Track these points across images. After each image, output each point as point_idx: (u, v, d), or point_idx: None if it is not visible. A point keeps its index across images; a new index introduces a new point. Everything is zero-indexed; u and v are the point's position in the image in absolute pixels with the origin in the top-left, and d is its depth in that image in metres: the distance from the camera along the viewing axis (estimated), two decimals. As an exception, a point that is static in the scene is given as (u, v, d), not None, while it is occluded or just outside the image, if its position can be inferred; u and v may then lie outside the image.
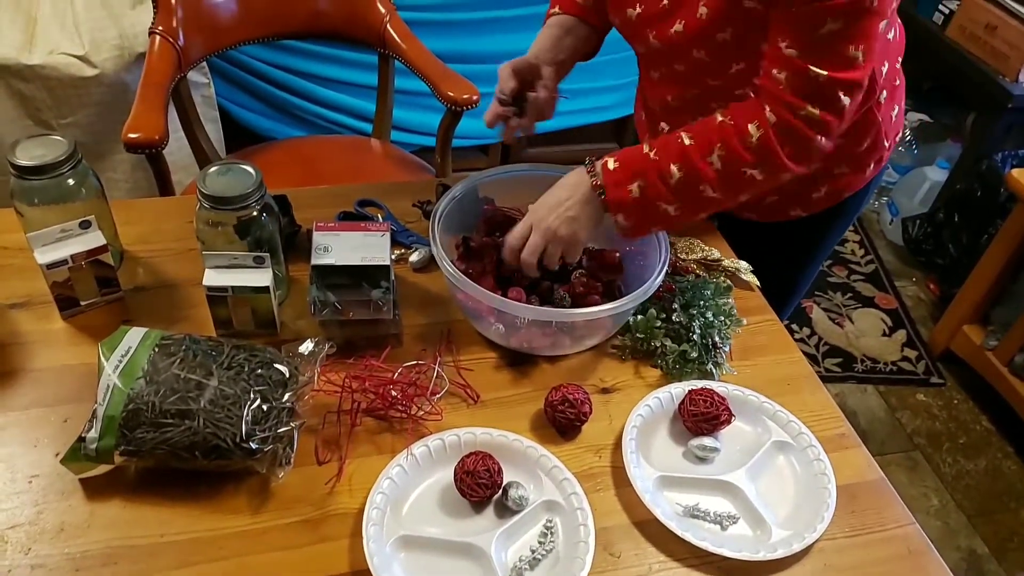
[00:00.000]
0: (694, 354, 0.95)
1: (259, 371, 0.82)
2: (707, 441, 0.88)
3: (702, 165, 0.89)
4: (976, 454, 2.02)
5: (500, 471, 0.80)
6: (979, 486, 1.93)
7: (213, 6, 1.65)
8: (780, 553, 0.78)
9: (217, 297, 0.91)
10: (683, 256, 1.09)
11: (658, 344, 0.96)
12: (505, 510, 0.80)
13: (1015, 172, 1.88)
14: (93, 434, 0.76)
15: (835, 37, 0.82)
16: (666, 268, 0.93)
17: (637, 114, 1.32)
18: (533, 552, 0.77)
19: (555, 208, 0.93)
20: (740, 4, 0.88)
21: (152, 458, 0.78)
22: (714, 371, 0.96)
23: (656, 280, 0.91)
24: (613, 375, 0.97)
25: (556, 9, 1.11)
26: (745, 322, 1.00)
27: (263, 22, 1.70)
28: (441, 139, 1.72)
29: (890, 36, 0.98)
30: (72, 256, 0.91)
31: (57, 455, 0.80)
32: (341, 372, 0.90)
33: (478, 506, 0.81)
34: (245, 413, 0.78)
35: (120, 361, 0.81)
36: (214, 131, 1.92)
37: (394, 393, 0.87)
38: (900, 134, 1.13)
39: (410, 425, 0.87)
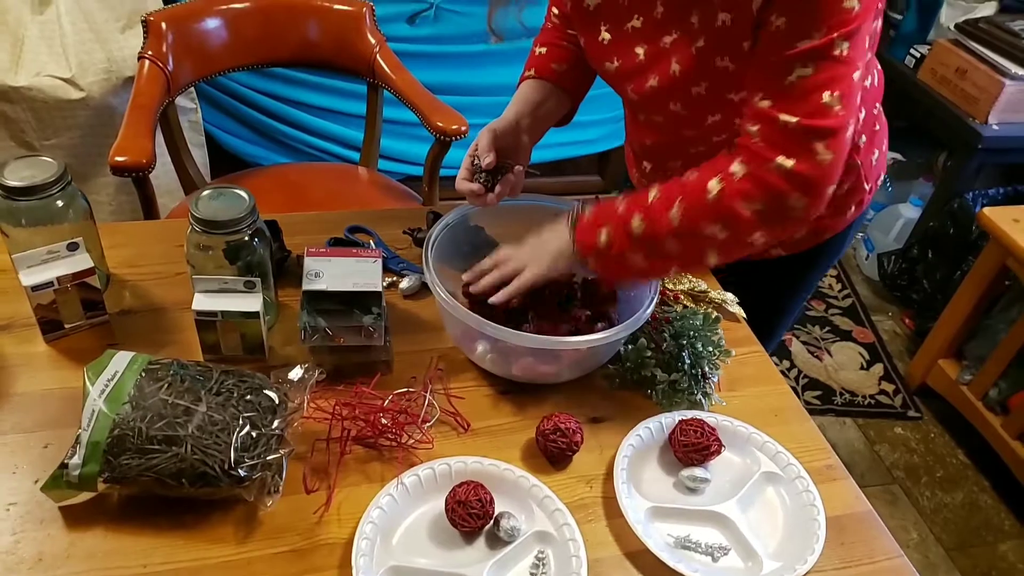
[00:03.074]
0: (684, 384, 0.95)
1: (248, 397, 0.81)
2: (697, 472, 0.88)
3: (662, 219, 0.87)
4: (953, 487, 2.03)
5: (492, 501, 0.80)
6: (957, 520, 1.95)
7: (203, 32, 1.65)
8: (775, 585, 0.78)
9: (206, 322, 0.90)
10: (671, 286, 1.10)
11: (648, 373, 0.96)
12: (496, 541, 0.80)
13: (987, 211, 1.93)
14: (76, 460, 0.75)
15: (804, 83, 0.80)
16: (657, 298, 0.94)
17: (627, 149, 1.34)
18: (526, 584, 0.77)
19: (531, 238, 0.96)
20: (712, 62, 0.89)
21: (137, 485, 0.76)
22: (703, 401, 0.96)
23: (647, 310, 0.92)
24: (603, 404, 0.97)
25: (531, 72, 1.11)
26: (734, 353, 1.00)
27: (253, 50, 1.71)
28: (429, 168, 1.73)
29: (867, 83, 1.01)
30: (58, 278, 0.90)
31: (36, 482, 0.78)
32: (331, 399, 0.89)
33: (469, 536, 0.80)
34: (234, 440, 0.77)
35: (106, 385, 0.79)
36: (200, 156, 1.91)
37: (384, 421, 0.86)
38: (881, 177, 1.15)
39: (400, 453, 0.86)
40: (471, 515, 0.78)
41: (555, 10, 1.14)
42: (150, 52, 1.58)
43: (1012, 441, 1.95)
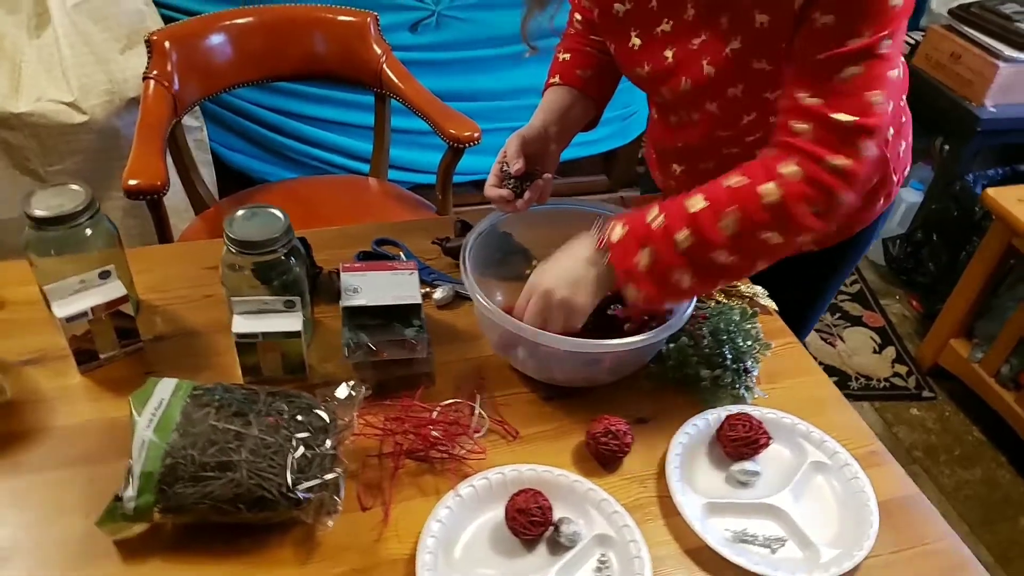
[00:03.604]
0: (727, 379, 0.95)
1: (299, 417, 0.80)
2: (748, 465, 0.89)
3: (712, 231, 0.83)
4: (971, 465, 2.05)
5: (551, 507, 0.79)
6: (978, 496, 1.96)
7: (208, 50, 1.64)
8: (833, 573, 0.78)
9: (246, 344, 0.90)
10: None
11: (691, 371, 0.96)
12: (557, 547, 0.79)
13: (990, 191, 1.95)
14: (130, 492, 0.74)
15: (856, 82, 0.80)
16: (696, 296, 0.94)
17: (648, 152, 1.34)
18: (592, 588, 0.76)
19: (556, 271, 0.88)
20: (749, 64, 0.88)
21: (193, 514, 0.75)
22: (746, 395, 0.96)
23: (688, 309, 0.92)
24: (647, 405, 0.97)
25: (556, 79, 1.10)
26: (773, 345, 1.01)
27: (258, 65, 1.70)
28: (442, 176, 1.72)
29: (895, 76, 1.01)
30: (92, 308, 0.89)
31: (88, 517, 0.77)
32: (378, 414, 0.88)
33: (530, 544, 0.80)
34: (289, 461, 0.76)
35: (153, 415, 0.78)
36: (208, 175, 1.90)
37: (435, 433, 0.86)
38: (907, 168, 1.16)
39: (452, 465, 0.86)
40: (532, 523, 0.78)
41: (578, 16, 1.14)
42: (155, 72, 1.57)
43: (1027, 415, 1.97)
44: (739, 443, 0.88)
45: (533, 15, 1.00)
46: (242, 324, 0.89)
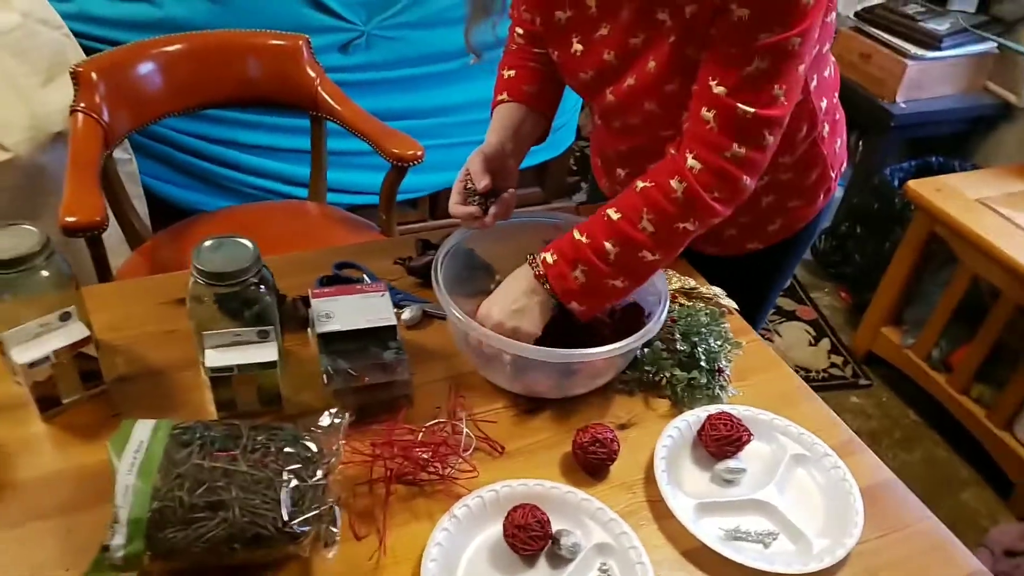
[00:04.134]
0: (703, 380, 0.98)
1: (287, 449, 0.78)
2: (732, 463, 0.91)
3: (635, 234, 0.91)
4: (912, 446, 2.16)
5: (548, 521, 0.79)
6: (921, 476, 2.06)
7: (137, 79, 1.59)
8: (827, 563, 0.81)
9: (221, 378, 0.87)
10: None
11: (667, 374, 0.98)
12: (558, 559, 0.80)
13: (911, 184, 2.07)
14: (119, 540, 0.70)
15: (762, 76, 0.85)
16: (668, 301, 0.96)
17: (593, 160, 1.36)
18: (597, 597, 0.77)
19: (501, 303, 0.94)
20: (684, 54, 0.92)
21: (186, 558, 0.72)
22: (721, 395, 0.99)
23: (663, 314, 0.94)
24: (626, 410, 0.98)
25: (504, 96, 1.12)
26: (744, 344, 1.04)
27: (190, 92, 1.66)
28: (386, 196, 1.71)
29: (826, 74, 1.06)
30: (55, 352, 0.84)
31: (70, 571, 0.73)
32: (363, 440, 0.87)
33: (530, 559, 0.80)
34: (283, 496, 0.74)
35: (134, 458, 0.75)
36: (140, 208, 1.83)
37: (425, 456, 0.85)
38: (843, 165, 1.22)
39: (443, 486, 0.85)
40: (532, 538, 0.78)
41: (519, 30, 1.15)
42: (83, 104, 1.51)
43: (958, 396, 2.08)
44: (722, 442, 0.91)
45: (477, 22, 1.02)
46: (215, 358, 0.86)
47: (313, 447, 0.80)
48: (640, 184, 0.93)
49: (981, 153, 2.56)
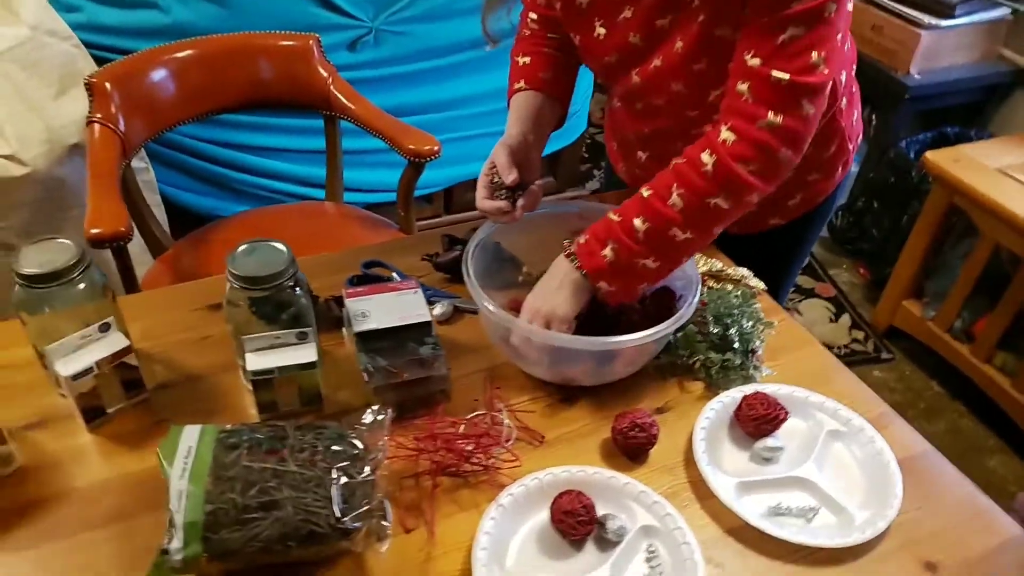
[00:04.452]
0: (736, 361, 0.98)
1: (334, 448, 0.79)
2: (770, 442, 0.91)
3: (664, 210, 0.89)
4: (936, 418, 2.15)
5: (594, 506, 0.80)
6: (945, 447, 2.03)
7: (151, 87, 1.60)
8: (869, 534, 0.81)
9: (263, 381, 0.88)
10: (692, 271, 1.13)
11: (701, 357, 0.99)
12: (605, 543, 0.80)
13: (929, 155, 2.06)
14: (176, 544, 0.71)
15: (796, 43, 0.84)
16: (700, 284, 0.97)
17: (609, 144, 1.37)
18: (647, 579, 0.78)
19: (539, 289, 0.94)
20: (712, 34, 0.92)
21: (242, 558, 0.73)
22: (755, 375, 1.00)
23: (695, 298, 0.94)
24: (661, 395, 0.99)
25: (522, 84, 1.11)
26: (776, 323, 1.04)
27: (204, 97, 1.66)
28: (403, 193, 1.71)
29: (845, 47, 1.07)
30: (97, 363, 0.86)
31: (128, 575, 0.75)
32: (406, 435, 0.88)
33: (577, 544, 0.81)
34: (333, 493, 0.75)
35: (185, 463, 0.76)
36: (160, 216, 1.84)
37: (468, 448, 0.86)
38: (859, 137, 1.22)
39: (487, 477, 0.86)
40: (579, 523, 0.79)
41: (532, 15, 1.15)
42: (99, 115, 1.52)
43: (982, 365, 2.08)
44: (759, 421, 0.91)
45: (493, 9, 1.02)
46: (257, 361, 0.87)
47: (359, 444, 0.81)
48: (675, 161, 0.92)
49: (997, 122, 2.54)
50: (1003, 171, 2.01)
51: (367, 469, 0.79)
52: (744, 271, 1.17)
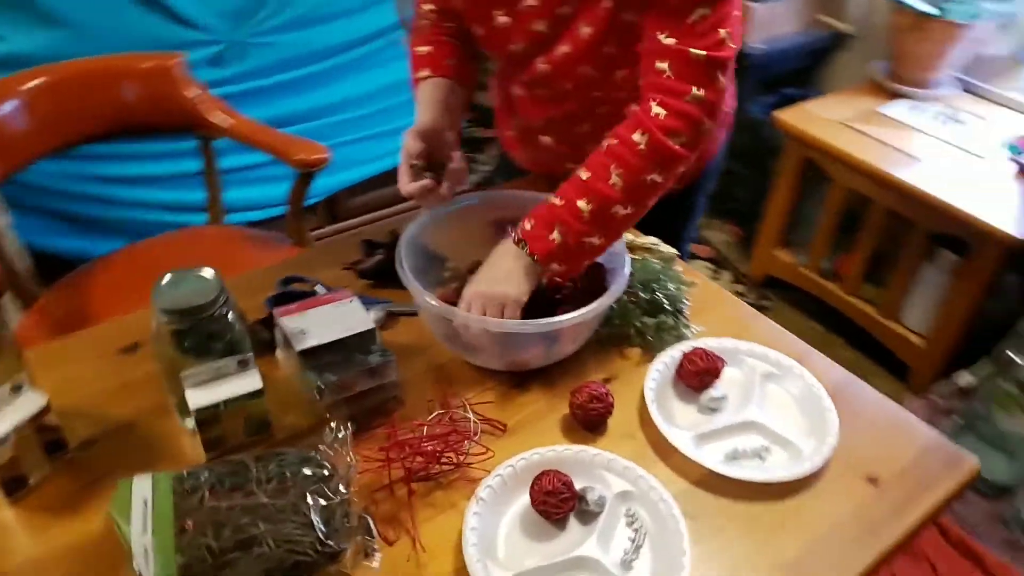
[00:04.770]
0: (668, 323, 1.03)
1: (304, 472, 0.76)
2: (714, 392, 0.97)
3: (606, 190, 0.94)
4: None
5: (572, 482, 0.82)
6: (832, 379, 2.24)
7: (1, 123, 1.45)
8: (818, 462, 0.88)
9: (208, 417, 0.83)
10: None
11: (637, 323, 1.02)
12: (586, 516, 0.82)
13: (780, 114, 2.23)
14: (153, 604, 0.66)
15: (705, 21, 0.91)
16: (628, 255, 1.00)
17: (503, 132, 1.38)
18: (632, 541, 0.80)
19: (484, 276, 0.95)
20: (619, 18, 0.96)
21: (227, 603, 0.69)
22: (686, 333, 1.05)
23: (626, 268, 0.98)
24: (606, 365, 1.02)
25: (427, 72, 1.11)
26: (696, 283, 1.10)
27: (60, 129, 1.53)
28: (294, 205, 1.65)
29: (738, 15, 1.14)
30: (16, 427, 0.78)
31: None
32: (369, 448, 0.86)
33: (560, 523, 0.82)
34: (314, 517, 0.72)
35: (144, 518, 0.71)
36: (23, 265, 1.67)
37: (437, 449, 0.85)
38: (734, 104, 1.30)
39: (458, 474, 0.86)
40: (562, 500, 0.80)
41: (430, 6, 1.14)
42: (-60, 163, 1.36)
43: (850, 298, 2.28)
44: (702, 374, 0.96)
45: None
46: (199, 397, 0.82)
47: (327, 464, 0.78)
48: (606, 143, 0.95)
49: (824, 82, 2.77)
50: (843, 123, 2.20)
51: (341, 487, 0.76)
52: (652, 239, 1.22)
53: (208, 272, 0.84)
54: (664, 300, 1.03)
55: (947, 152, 2.07)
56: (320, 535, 0.71)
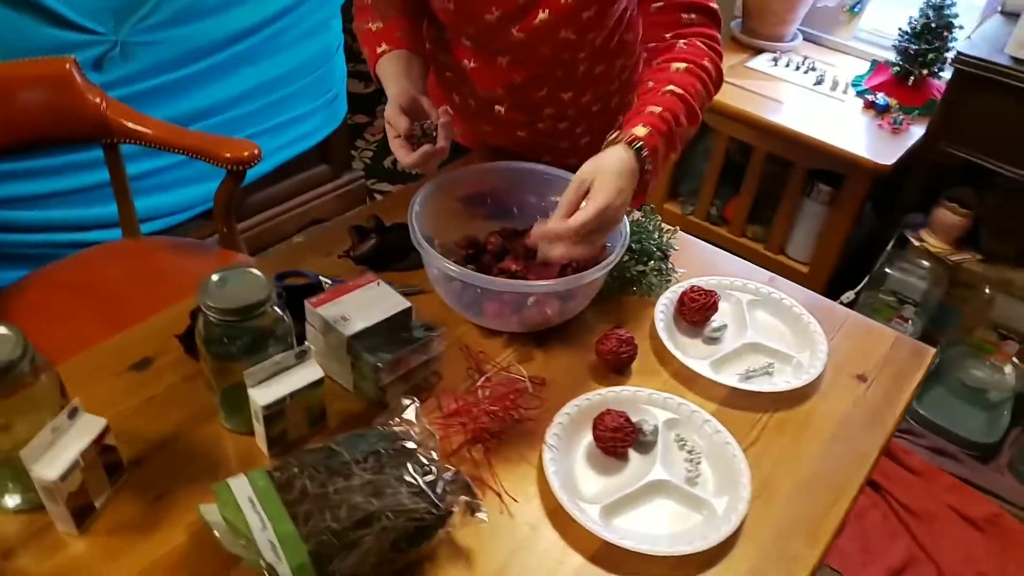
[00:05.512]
0: (659, 267, 1.12)
1: (394, 446, 0.79)
2: (714, 323, 1.08)
3: (695, 106, 1.04)
4: (718, 293, 2.55)
5: (629, 418, 0.90)
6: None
7: None
8: (818, 368, 1.01)
9: (274, 414, 0.82)
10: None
11: (633, 271, 1.11)
12: (643, 446, 0.90)
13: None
14: (293, 593, 0.67)
15: None
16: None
17: (446, 105, 1.40)
18: (691, 460, 0.89)
19: (613, 186, 0.94)
20: None
21: (360, 578, 0.71)
22: (675, 276, 1.15)
23: (626, 223, 1.05)
24: (614, 313, 1.10)
25: (384, 47, 1.11)
26: (677, 230, 1.20)
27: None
28: (224, 207, 1.59)
29: None
30: (82, 454, 0.74)
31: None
32: (428, 419, 0.88)
33: (622, 456, 0.90)
34: (420, 484, 0.75)
35: (260, 515, 0.71)
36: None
37: (498, 408, 0.89)
38: None
39: (517, 428, 0.91)
40: (627, 435, 0.88)
41: None
42: None
43: (739, 239, 2.51)
44: (702, 308, 1.07)
45: None
46: (264, 394, 0.81)
47: (412, 436, 0.81)
48: (679, 64, 1.05)
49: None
50: (718, 78, 2.40)
51: (433, 454, 0.80)
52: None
53: (251, 269, 0.83)
54: (653, 247, 1.13)
55: (810, 96, 2.32)
56: (434, 499, 0.75)
